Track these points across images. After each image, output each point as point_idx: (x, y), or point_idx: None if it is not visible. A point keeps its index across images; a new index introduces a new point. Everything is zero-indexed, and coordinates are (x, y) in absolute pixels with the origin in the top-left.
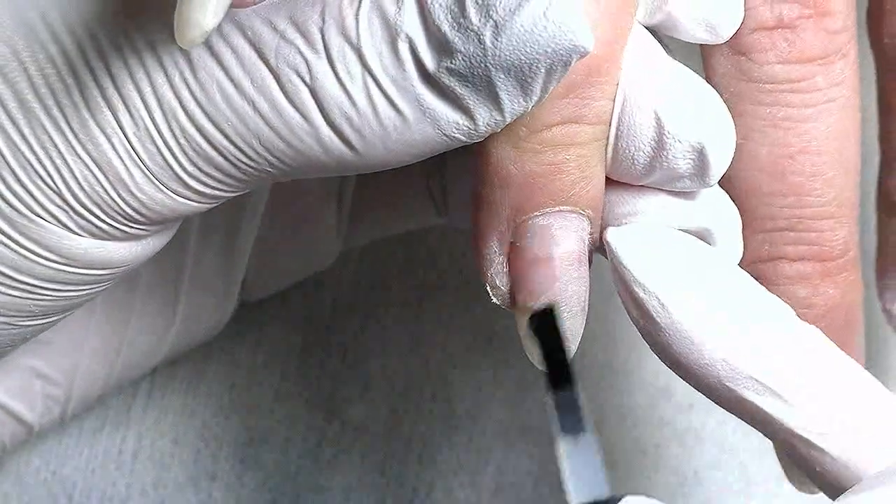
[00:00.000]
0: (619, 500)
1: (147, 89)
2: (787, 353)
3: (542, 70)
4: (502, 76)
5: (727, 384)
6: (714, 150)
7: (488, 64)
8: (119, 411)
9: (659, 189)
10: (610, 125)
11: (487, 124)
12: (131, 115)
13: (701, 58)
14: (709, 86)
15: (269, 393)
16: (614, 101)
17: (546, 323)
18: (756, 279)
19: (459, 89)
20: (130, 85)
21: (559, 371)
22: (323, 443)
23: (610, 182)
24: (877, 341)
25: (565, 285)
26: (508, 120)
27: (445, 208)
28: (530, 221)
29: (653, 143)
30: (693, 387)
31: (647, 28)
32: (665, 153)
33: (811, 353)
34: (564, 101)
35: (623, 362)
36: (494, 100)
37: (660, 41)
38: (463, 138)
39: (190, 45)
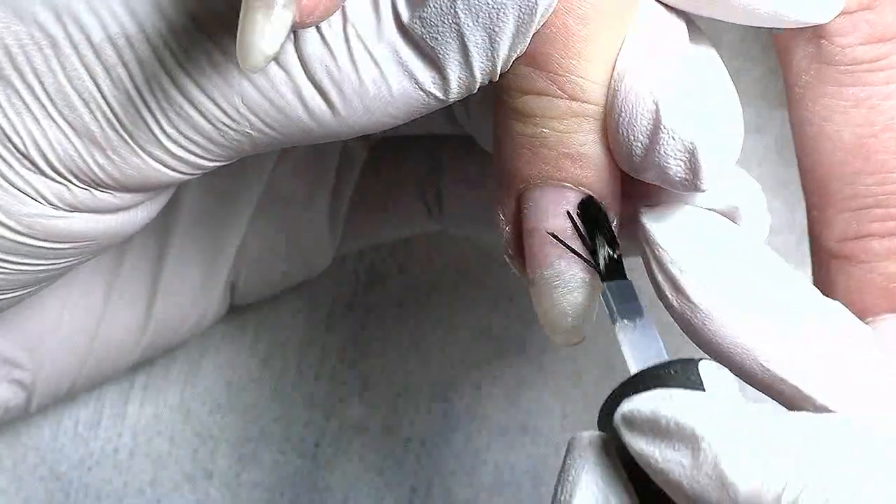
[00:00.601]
0: (690, 361)
1: (127, 52)
2: (818, 340)
3: (510, 19)
4: (470, 24)
5: (766, 365)
6: (707, 155)
7: (457, 9)
8: (115, 408)
9: None
10: (605, 108)
11: (459, 78)
12: (111, 78)
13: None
14: (727, 85)
15: (267, 392)
16: (601, 83)
17: (591, 212)
18: (843, 258)
19: (431, 41)
20: (110, 49)
21: (610, 260)
22: (321, 442)
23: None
24: None
25: (555, 260)
26: (478, 77)
27: (440, 213)
28: (527, 193)
29: (649, 135)
30: (728, 368)
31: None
32: (658, 148)
33: (840, 339)
34: (537, 72)
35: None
36: (464, 52)
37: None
38: (438, 95)
39: (253, 71)
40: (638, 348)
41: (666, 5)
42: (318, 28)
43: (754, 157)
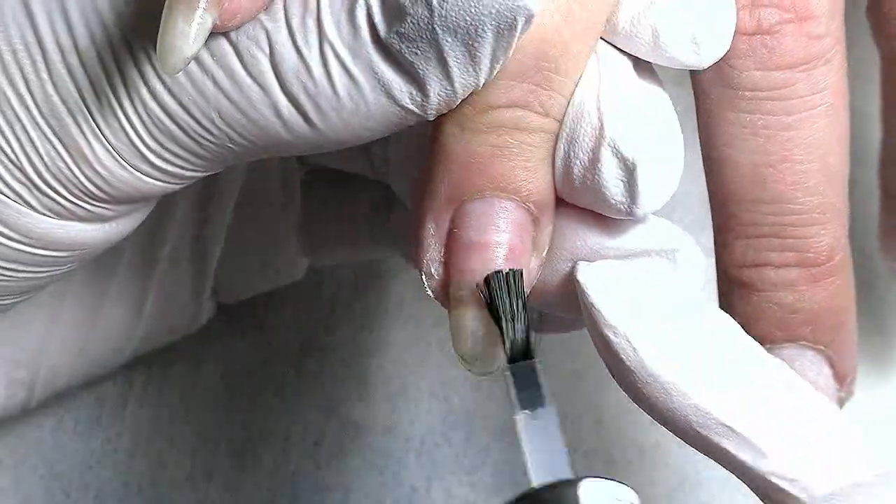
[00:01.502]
0: (579, 482)
1: (112, 66)
2: (758, 396)
3: (489, 34)
4: (449, 39)
5: (698, 430)
6: (647, 177)
7: (435, 26)
8: (115, 408)
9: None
10: (562, 127)
11: (439, 95)
12: (95, 92)
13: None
14: (673, 119)
15: (268, 391)
16: (568, 101)
17: (507, 284)
18: (741, 285)
19: (410, 56)
20: (96, 62)
21: (516, 340)
22: (321, 442)
23: (571, 210)
24: (880, 339)
25: None
26: (459, 92)
27: (394, 244)
28: (469, 205)
29: (591, 150)
30: (667, 429)
31: (625, 52)
32: (598, 165)
33: (782, 395)
34: (512, 83)
35: None
36: (444, 68)
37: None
38: (416, 111)
39: (172, 72)
40: (534, 445)
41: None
42: (294, 42)
43: None
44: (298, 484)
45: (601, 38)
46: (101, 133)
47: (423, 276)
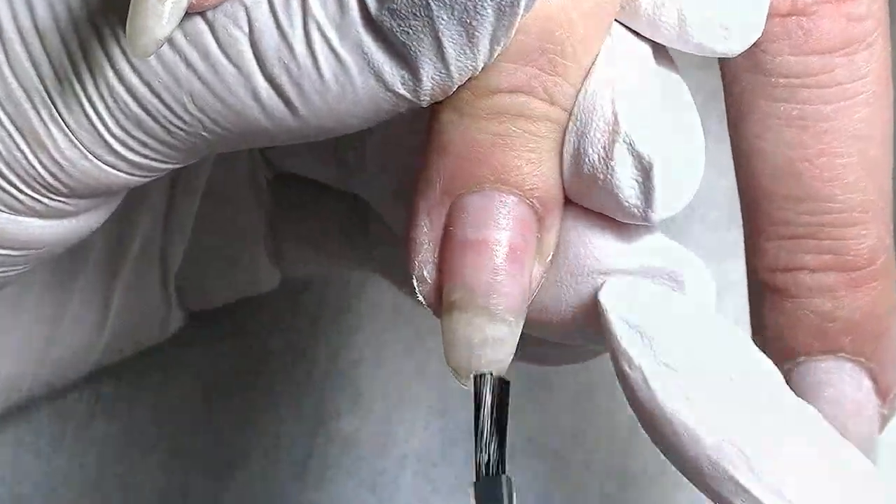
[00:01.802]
0: None
1: (74, 44)
2: (775, 452)
3: (489, 11)
4: (445, 17)
5: (709, 482)
6: (664, 177)
7: (430, 1)
8: (81, 423)
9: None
10: (570, 118)
11: (433, 78)
12: (55, 72)
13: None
14: (692, 112)
15: (249, 403)
16: (577, 89)
17: (492, 390)
18: (774, 290)
19: (401, 35)
20: (56, 39)
21: (488, 457)
22: (309, 459)
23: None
24: None
25: (498, 280)
26: (455, 76)
27: (370, 256)
28: (466, 199)
29: (604, 146)
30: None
31: (644, 38)
32: (611, 163)
33: (805, 448)
34: (514, 66)
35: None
36: (438, 49)
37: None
38: (408, 96)
39: (143, 56)
40: None
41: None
42: (275, 20)
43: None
44: (285, 502)
45: (619, 21)
46: (62, 118)
47: (415, 281)
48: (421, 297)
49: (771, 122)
